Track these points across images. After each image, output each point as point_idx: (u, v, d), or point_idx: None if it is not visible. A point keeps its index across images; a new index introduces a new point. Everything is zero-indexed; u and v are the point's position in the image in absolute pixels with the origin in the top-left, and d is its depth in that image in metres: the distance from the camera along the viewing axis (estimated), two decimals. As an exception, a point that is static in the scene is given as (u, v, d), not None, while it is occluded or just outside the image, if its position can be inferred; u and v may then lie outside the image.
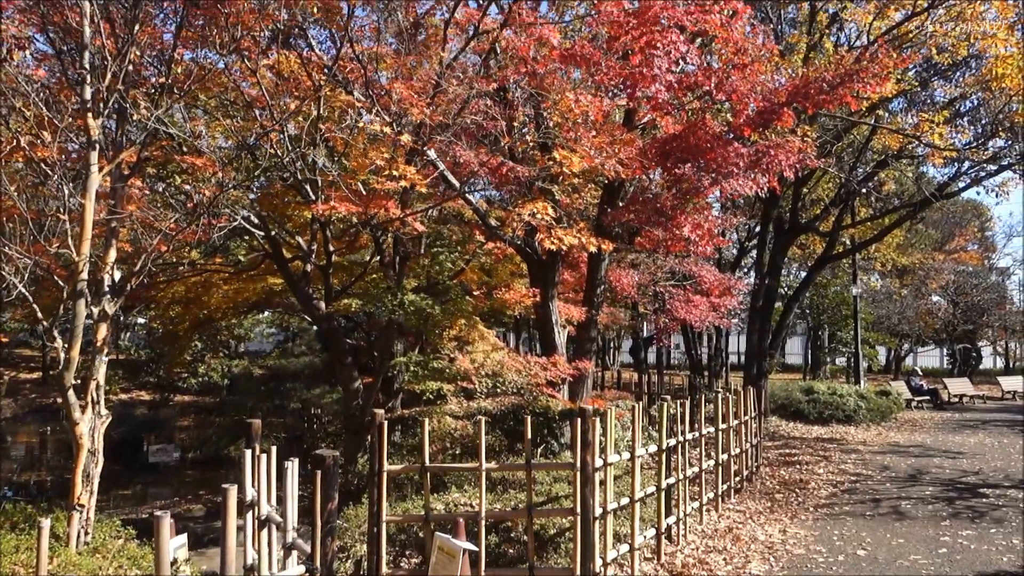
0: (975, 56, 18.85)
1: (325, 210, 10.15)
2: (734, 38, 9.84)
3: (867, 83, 9.93)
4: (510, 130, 10.73)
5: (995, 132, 18.67)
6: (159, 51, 11.41)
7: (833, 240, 23.89)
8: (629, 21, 9.03)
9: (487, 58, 11.17)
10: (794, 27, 22.11)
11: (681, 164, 11.16)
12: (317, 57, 12.06)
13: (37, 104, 7.19)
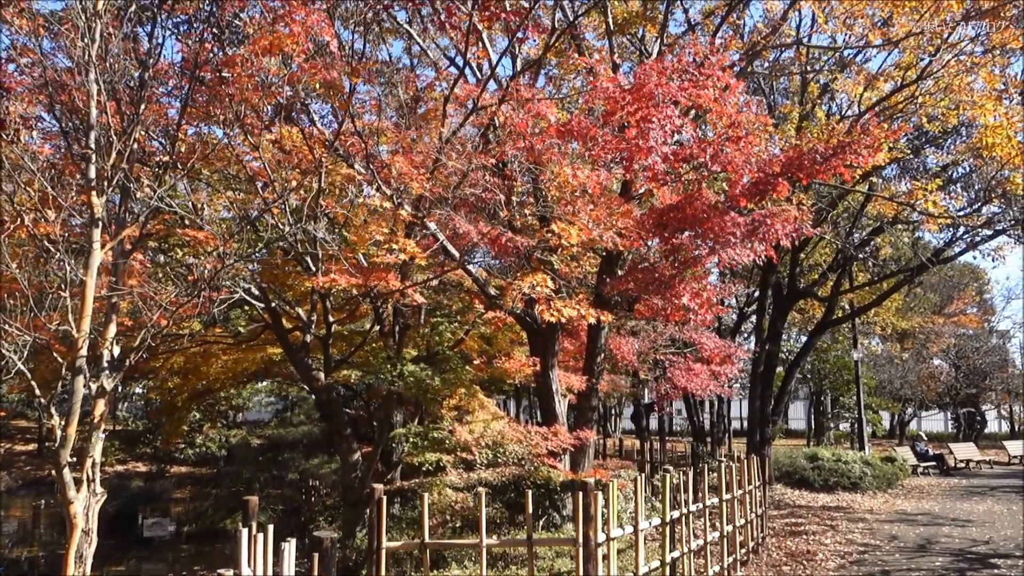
0: (965, 124, 19.22)
1: (325, 283, 10.19)
2: (727, 112, 10.04)
3: (860, 154, 10.09)
4: (509, 203, 10.85)
5: (988, 198, 18.89)
6: (164, 127, 11.65)
7: (832, 305, 23.93)
8: (625, 97, 9.22)
9: (486, 132, 11.37)
10: (787, 97, 22.59)
11: (679, 234, 11.25)
12: (319, 132, 12.29)
13: (42, 182, 7.29)
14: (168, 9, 9.53)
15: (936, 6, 13.57)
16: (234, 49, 12.36)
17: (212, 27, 11.51)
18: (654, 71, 9.22)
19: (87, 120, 7.53)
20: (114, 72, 8.02)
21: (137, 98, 8.58)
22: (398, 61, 19.17)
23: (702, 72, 9.64)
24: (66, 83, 8.45)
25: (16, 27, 10.40)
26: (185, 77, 10.73)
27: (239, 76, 10.57)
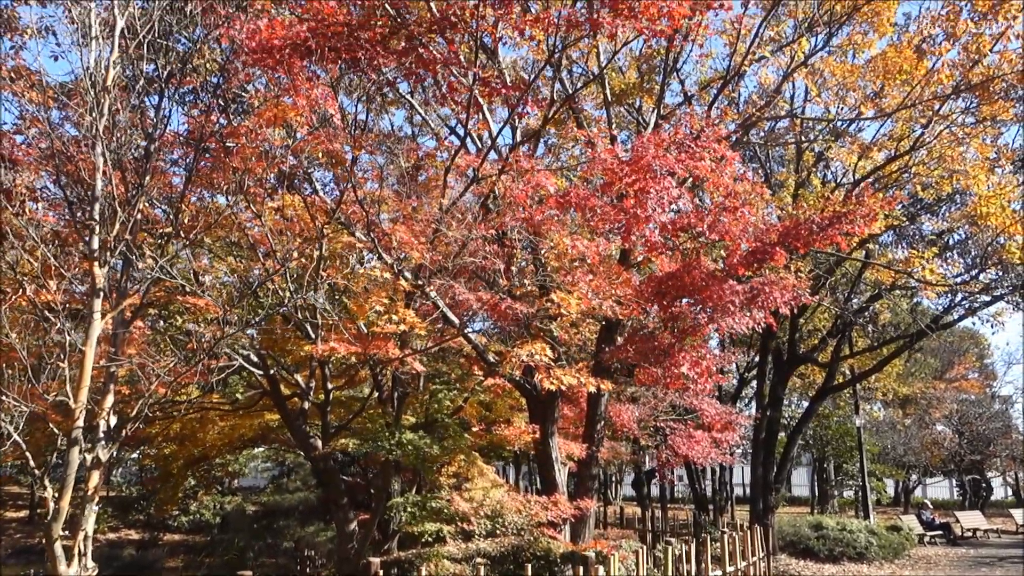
0: (960, 192, 19.44)
1: (325, 351, 10.19)
2: (724, 182, 10.18)
3: (856, 224, 10.20)
4: (508, 272, 10.93)
5: (985, 264, 19.00)
6: (168, 195, 11.79)
7: (833, 371, 23.83)
8: (623, 168, 9.36)
9: (485, 200, 11.51)
10: (782, 165, 22.91)
11: (677, 302, 11.30)
12: (320, 200, 12.44)
13: (45, 254, 7.36)
14: (176, 83, 9.74)
15: (926, 80, 13.89)
16: (239, 119, 12.61)
17: (218, 99, 11.76)
18: (651, 143, 9.39)
19: (92, 191, 7.64)
20: (120, 144, 8.16)
21: (142, 169, 8.72)
22: (399, 129, 19.54)
23: (698, 144, 9.82)
24: (72, 155, 8.60)
25: (27, 99, 10.64)
26: (190, 147, 10.92)
27: (243, 147, 10.76)
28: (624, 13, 8.60)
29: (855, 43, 17.06)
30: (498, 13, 8.90)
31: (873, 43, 17.00)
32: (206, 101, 12.72)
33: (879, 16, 15.10)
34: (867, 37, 16.70)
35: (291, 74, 8.72)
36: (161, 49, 9.62)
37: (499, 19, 9.05)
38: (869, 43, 17.01)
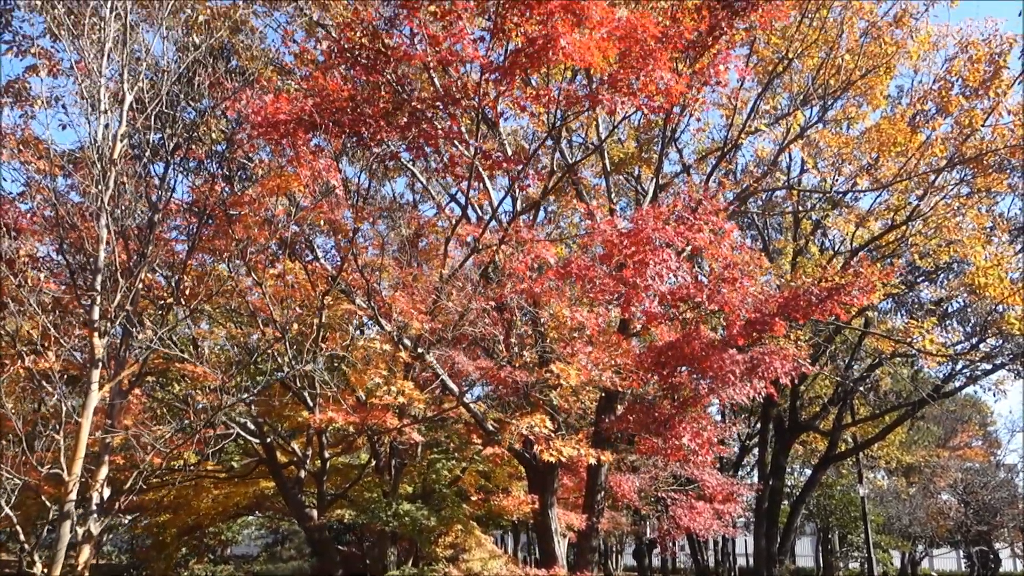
0: (958, 261, 19.56)
1: (323, 420, 10.13)
2: (722, 253, 10.26)
3: (854, 296, 10.24)
4: (508, 343, 10.94)
5: (985, 333, 19.00)
6: (170, 261, 11.86)
7: (835, 439, 23.62)
8: (623, 240, 9.45)
9: (486, 269, 11.58)
10: (780, 233, 23.09)
11: (677, 372, 11.26)
12: (322, 268, 12.52)
13: (45, 324, 7.37)
14: (181, 154, 9.91)
15: (921, 152, 14.11)
16: (244, 185, 12.78)
17: (223, 168, 11.94)
18: (651, 216, 9.50)
19: (95, 261, 7.69)
20: (125, 213, 8.25)
21: (145, 238, 8.79)
22: (401, 196, 19.76)
23: (696, 216, 9.93)
24: (76, 224, 8.68)
25: (34, 168, 10.80)
26: (193, 215, 11.04)
27: (246, 215, 10.88)
28: (623, 90, 8.80)
29: (849, 115, 17.40)
30: (500, 88, 9.10)
31: (867, 115, 17.33)
32: (211, 169, 12.92)
33: (872, 90, 15.40)
34: (861, 109, 17.03)
35: (295, 147, 8.87)
36: (168, 120, 9.81)
37: (501, 94, 9.25)
38: (863, 115, 17.35)
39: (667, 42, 8.98)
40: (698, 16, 9.93)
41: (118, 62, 8.55)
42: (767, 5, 9.94)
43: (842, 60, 13.73)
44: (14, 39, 11.15)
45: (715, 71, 9.85)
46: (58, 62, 10.75)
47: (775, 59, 14.21)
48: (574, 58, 8.39)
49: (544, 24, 8.54)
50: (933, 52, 15.25)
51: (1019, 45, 13.56)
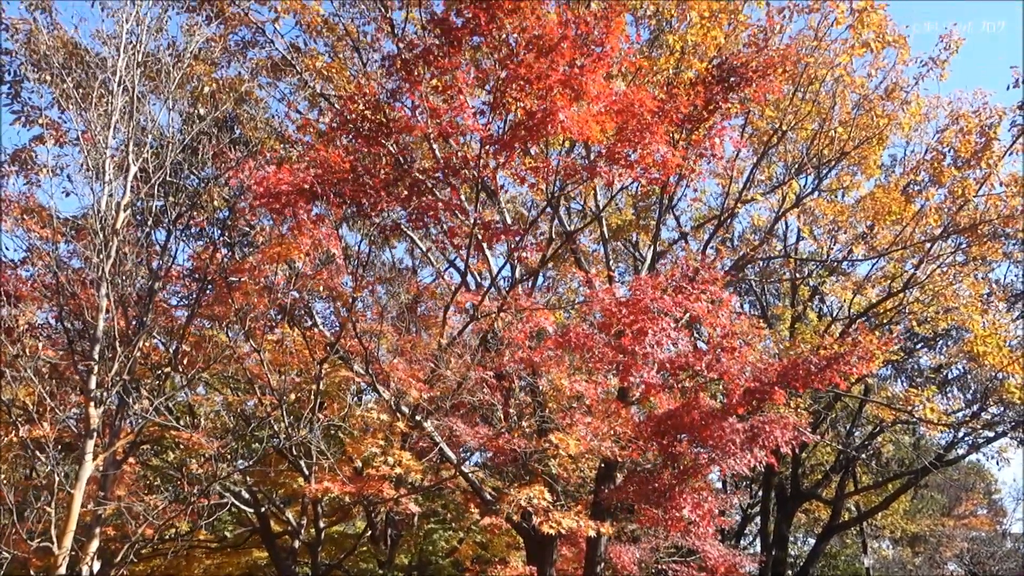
0: (956, 327, 19.57)
1: (319, 490, 10.01)
2: (721, 323, 10.29)
3: (853, 366, 10.24)
4: (507, 411, 10.89)
5: (986, 401, 18.91)
6: (168, 327, 11.86)
7: (838, 508, 23.26)
8: (621, 309, 9.49)
9: (485, 337, 11.58)
10: (778, 299, 23.16)
11: (677, 441, 11.17)
12: (320, 334, 12.52)
13: (42, 393, 7.34)
14: (184, 222, 10.02)
15: (915, 221, 14.28)
16: (245, 250, 12.87)
17: (224, 235, 12.05)
18: (649, 285, 9.56)
19: (93, 331, 7.70)
20: (125, 282, 8.30)
21: (145, 306, 8.82)
22: (400, 262, 19.85)
23: (694, 285, 9.99)
24: (76, 292, 8.72)
25: (36, 235, 10.90)
26: (193, 281, 11.09)
27: (246, 283, 10.92)
28: (620, 162, 8.96)
29: (844, 184, 17.65)
30: (499, 160, 9.26)
31: (861, 184, 17.56)
32: (212, 235, 13.02)
33: (866, 159, 15.64)
34: (855, 178, 17.28)
35: (296, 216, 8.97)
36: (171, 188, 9.94)
37: (501, 166, 9.40)
38: (857, 184, 17.59)
39: (664, 116, 9.18)
40: (693, 91, 10.17)
41: (124, 133, 8.72)
42: (761, 80, 10.19)
43: (835, 132, 13.99)
44: (23, 109, 11.38)
45: (711, 144, 10.04)
46: (65, 132, 10.95)
47: (770, 130, 14.48)
48: (573, 131, 8.57)
49: (543, 98, 8.74)
50: (924, 123, 15.55)
51: (1009, 117, 13.84)
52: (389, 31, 12.65)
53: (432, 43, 9.28)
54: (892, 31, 13.03)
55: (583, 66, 8.83)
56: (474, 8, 8.95)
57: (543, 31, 8.54)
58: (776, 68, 10.73)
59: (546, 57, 8.50)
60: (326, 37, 13.59)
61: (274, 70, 13.23)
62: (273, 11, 12.11)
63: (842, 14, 12.27)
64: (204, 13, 12.11)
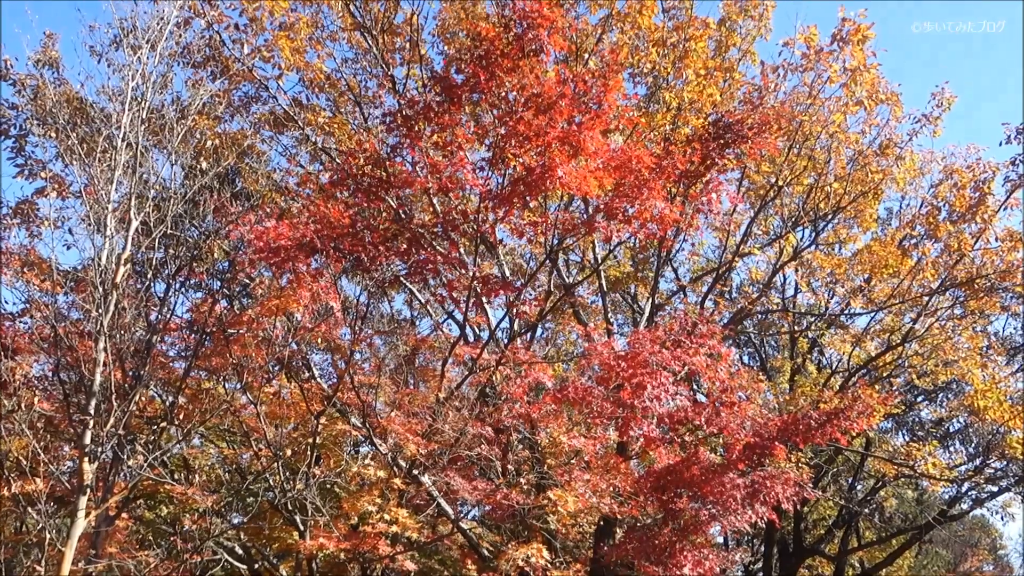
0: (956, 380, 19.51)
1: (313, 546, 9.86)
2: (720, 377, 10.28)
3: (853, 421, 10.19)
4: (505, 469, 10.81)
5: (988, 456, 18.76)
6: (165, 379, 11.81)
7: (841, 565, 22.89)
8: (620, 363, 9.47)
9: (483, 390, 11.54)
10: (777, 350, 23.12)
11: (677, 497, 11.05)
12: (317, 386, 12.48)
13: (36, 449, 7.29)
14: (184, 274, 10.05)
15: (912, 275, 14.34)
16: (244, 300, 12.88)
17: (223, 288, 12.08)
18: (647, 340, 9.57)
19: (90, 386, 7.67)
20: (123, 336, 8.29)
21: (142, 359, 8.81)
22: (399, 313, 19.85)
23: (693, 340, 9.99)
24: (74, 345, 8.70)
25: (35, 287, 10.91)
26: (192, 334, 11.08)
27: (244, 335, 10.91)
28: (618, 217, 9.04)
29: (841, 237, 17.77)
30: (498, 214, 9.34)
31: (858, 237, 17.69)
32: (211, 286, 13.04)
33: (862, 213, 15.79)
34: (852, 231, 17.42)
35: (295, 270, 9.01)
36: (172, 240, 10.00)
37: (499, 220, 9.47)
38: (854, 237, 17.72)
39: (661, 172, 9.28)
40: (690, 147, 10.31)
41: (127, 186, 8.80)
42: (756, 137, 10.34)
43: (831, 187, 14.14)
44: (26, 163, 11.50)
45: (708, 199, 10.14)
46: (68, 186, 11.05)
47: (766, 184, 14.63)
48: (571, 187, 8.67)
49: (542, 154, 8.86)
50: (919, 178, 15.73)
51: (1002, 172, 14.00)
52: (391, 87, 12.89)
53: (433, 100, 9.43)
54: (885, 88, 13.26)
55: (581, 123, 8.98)
56: (474, 66, 9.13)
57: (542, 89, 8.69)
58: (771, 126, 10.90)
59: (545, 114, 8.64)
60: (328, 92, 13.84)
61: (276, 124, 13.44)
62: (277, 68, 12.34)
63: (835, 73, 12.51)
64: (209, 69, 12.35)
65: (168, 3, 8.98)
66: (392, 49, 13.35)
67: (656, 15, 13.43)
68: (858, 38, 12.34)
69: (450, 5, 13.33)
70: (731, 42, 14.65)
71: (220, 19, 11.56)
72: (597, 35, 12.86)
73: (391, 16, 12.97)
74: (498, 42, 9.02)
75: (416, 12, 12.76)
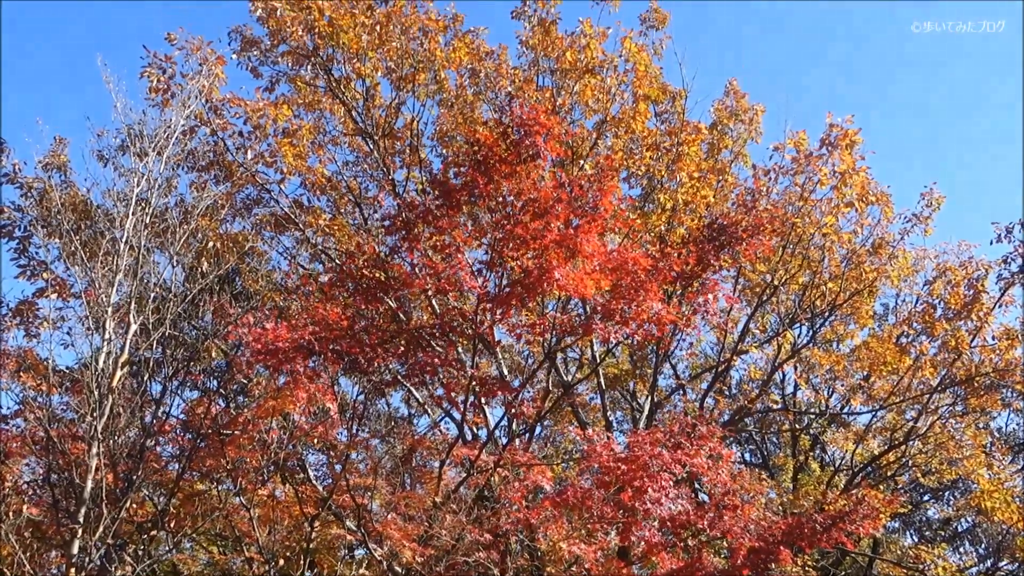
0: (963, 478, 19.20)
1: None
2: (722, 479, 10.12)
3: (859, 524, 9.99)
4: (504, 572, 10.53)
5: (999, 557, 18.30)
6: (157, 482, 11.60)
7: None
8: (619, 466, 9.35)
9: (482, 492, 11.33)
10: (779, 448, 22.82)
11: (681, 606, 10.72)
12: (312, 489, 12.26)
13: (22, 560, 7.11)
14: (181, 376, 10.02)
15: (911, 373, 14.31)
16: (238, 404, 12.76)
17: (220, 388, 12.02)
18: (647, 441, 9.46)
19: (81, 492, 7.54)
20: (117, 441, 8.20)
21: (136, 463, 8.68)
22: (396, 410, 19.68)
23: (693, 441, 9.90)
24: (66, 450, 8.58)
25: (31, 387, 10.85)
26: (186, 436, 10.95)
27: (239, 436, 10.79)
28: (616, 318, 9.08)
29: (839, 333, 17.82)
30: (496, 316, 9.39)
31: (855, 333, 17.74)
32: (208, 386, 12.98)
33: (858, 310, 15.88)
34: (849, 328, 17.48)
35: (293, 372, 9.00)
36: (170, 342, 9.99)
37: (497, 322, 9.52)
38: (852, 333, 17.77)
39: (657, 273, 9.39)
40: (685, 249, 10.47)
41: (128, 288, 8.88)
42: (751, 239, 10.51)
43: (826, 287, 14.27)
44: (28, 264, 11.62)
45: (705, 299, 10.21)
46: (68, 287, 11.12)
47: (762, 283, 14.77)
48: (568, 289, 8.75)
49: (539, 256, 8.98)
50: (913, 275, 15.90)
51: (995, 271, 14.14)
52: (391, 189, 13.17)
53: (432, 203, 9.62)
54: (875, 189, 13.55)
55: (578, 226, 9.13)
56: (473, 171, 9.35)
57: (539, 194, 8.88)
58: (765, 228, 11.09)
59: (541, 218, 8.81)
60: (329, 194, 14.13)
61: (277, 225, 13.67)
62: (279, 172, 12.64)
63: (825, 176, 12.82)
64: (213, 173, 12.64)
65: (175, 112, 9.27)
66: (392, 152, 13.71)
67: (649, 119, 13.88)
68: (846, 143, 12.70)
69: (449, 111, 13.76)
70: (723, 144, 15.08)
71: (225, 127, 11.92)
72: (592, 139, 13.24)
73: (392, 121, 13.38)
74: (496, 148, 9.27)
75: (416, 118, 13.17)
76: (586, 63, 12.83)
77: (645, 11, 14.35)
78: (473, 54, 13.29)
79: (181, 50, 11.42)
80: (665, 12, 14.42)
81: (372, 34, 12.42)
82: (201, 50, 11.38)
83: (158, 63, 11.36)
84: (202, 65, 11.15)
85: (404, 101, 13.22)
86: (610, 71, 12.98)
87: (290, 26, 12.16)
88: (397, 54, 12.65)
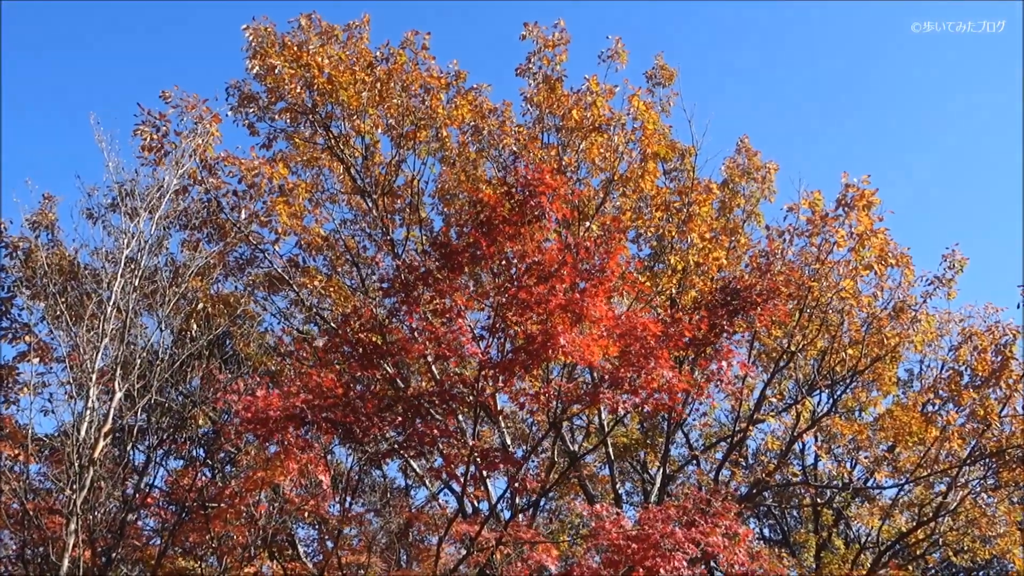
0: (997, 558, 18.80)
1: None
2: (739, 559, 9.93)
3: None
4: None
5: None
6: (139, 558, 11.43)
7: None
8: (630, 544, 9.20)
9: (482, 572, 11.14)
10: (800, 523, 22.43)
11: None
12: (302, 567, 12.08)
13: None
14: (166, 445, 9.97)
15: (939, 444, 14.14)
16: (225, 475, 12.64)
17: (207, 457, 11.93)
18: (658, 519, 9.33)
19: (57, 571, 7.45)
20: (97, 516, 8.13)
21: (116, 538, 8.59)
22: (393, 481, 19.46)
23: (708, 519, 9.75)
24: (42, 525, 8.50)
25: (8, 455, 10.77)
26: (170, 512, 10.84)
27: (225, 509, 10.67)
28: (624, 387, 9.05)
29: (861, 400, 17.67)
30: (499, 384, 9.36)
31: (878, 401, 17.59)
32: (194, 454, 12.86)
33: (881, 376, 15.79)
34: (872, 395, 17.34)
35: (284, 442, 8.94)
36: (155, 409, 9.97)
37: (499, 390, 9.49)
38: (875, 401, 17.62)
39: (668, 339, 9.38)
40: (697, 314, 10.47)
41: (113, 353, 8.89)
42: (765, 304, 10.53)
43: (847, 354, 14.20)
44: (11, 327, 11.68)
45: (719, 366, 10.18)
46: (51, 351, 11.15)
47: (778, 348, 14.72)
48: (574, 356, 8.72)
49: (544, 322, 8.99)
50: (937, 339, 15.82)
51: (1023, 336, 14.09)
52: (389, 249, 13.27)
53: (433, 265, 9.66)
54: (895, 251, 13.56)
55: (584, 289, 9.16)
56: (475, 232, 9.42)
57: (543, 257, 8.93)
58: (780, 292, 11.11)
59: (546, 282, 8.84)
60: (325, 253, 14.23)
61: (271, 285, 13.73)
62: (274, 232, 12.75)
63: (842, 238, 12.87)
64: (205, 231, 12.76)
65: (168, 171, 9.42)
66: (392, 211, 13.84)
67: (659, 178, 14.01)
68: (863, 203, 12.78)
69: (451, 169, 13.95)
70: (735, 203, 15.22)
71: (219, 186, 12.09)
72: (599, 199, 13.36)
73: (392, 179, 13.55)
74: (500, 208, 9.35)
75: (417, 176, 13.34)
76: (592, 121, 13.02)
77: (651, 68, 14.65)
78: (476, 111, 13.51)
79: (176, 108, 11.66)
80: (672, 69, 14.73)
81: (372, 91, 12.67)
82: (196, 108, 11.61)
83: (152, 121, 11.59)
84: (197, 123, 11.36)
85: (405, 158, 13.41)
86: (617, 129, 13.15)
87: (288, 83, 12.42)
88: (398, 111, 12.88)
